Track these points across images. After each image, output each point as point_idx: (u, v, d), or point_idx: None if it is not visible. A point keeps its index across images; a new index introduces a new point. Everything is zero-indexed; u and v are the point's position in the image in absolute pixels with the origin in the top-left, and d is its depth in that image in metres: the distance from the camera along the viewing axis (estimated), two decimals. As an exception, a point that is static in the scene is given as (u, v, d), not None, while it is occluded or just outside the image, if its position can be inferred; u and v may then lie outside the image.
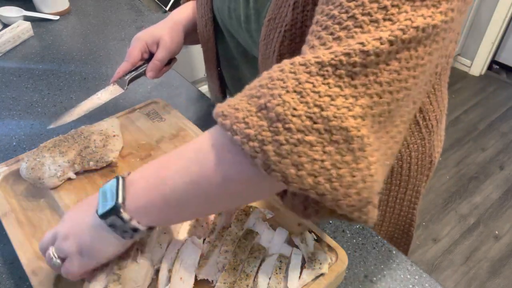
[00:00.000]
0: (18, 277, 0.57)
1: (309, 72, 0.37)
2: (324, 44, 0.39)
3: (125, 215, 0.43)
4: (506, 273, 1.73)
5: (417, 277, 0.57)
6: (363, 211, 0.39)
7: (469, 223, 1.94)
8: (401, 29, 0.37)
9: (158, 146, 0.74)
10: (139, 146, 0.73)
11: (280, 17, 0.53)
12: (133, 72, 0.72)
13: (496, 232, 1.90)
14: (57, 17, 1.25)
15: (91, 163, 0.66)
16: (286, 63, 0.39)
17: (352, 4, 0.38)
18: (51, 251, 0.47)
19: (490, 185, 2.12)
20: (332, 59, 0.37)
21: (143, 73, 0.73)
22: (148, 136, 0.75)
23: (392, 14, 0.38)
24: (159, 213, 0.43)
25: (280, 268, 0.50)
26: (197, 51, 1.78)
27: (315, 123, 0.36)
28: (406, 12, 0.38)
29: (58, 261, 0.47)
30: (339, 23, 0.39)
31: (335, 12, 0.39)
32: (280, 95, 0.37)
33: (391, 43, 0.37)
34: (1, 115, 0.87)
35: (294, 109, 0.36)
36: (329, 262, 0.52)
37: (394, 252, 0.60)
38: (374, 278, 0.57)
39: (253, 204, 0.60)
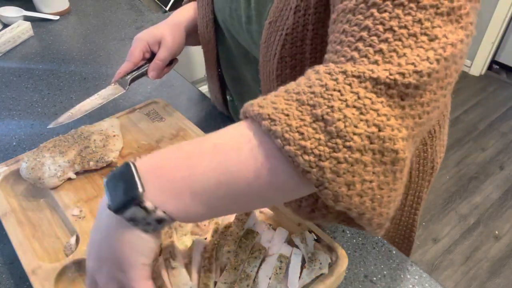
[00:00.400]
0: (18, 277, 0.57)
1: (365, 88, 0.36)
2: (366, 56, 0.37)
3: (149, 204, 0.37)
4: (506, 273, 1.73)
5: (417, 277, 0.57)
6: (383, 227, 0.39)
7: (469, 223, 1.94)
8: (442, 47, 0.37)
9: (158, 146, 0.74)
10: (139, 146, 0.73)
11: (281, 20, 0.53)
12: (134, 72, 0.72)
13: (496, 232, 1.90)
14: (57, 17, 1.25)
15: (91, 163, 0.66)
16: (335, 70, 0.37)
17: (386, 15, 0.37)
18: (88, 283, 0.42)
19: (490, 185, 2.12)
20: (387, 77, 0.35)
21: (145, 73, 0.73)
22: (148, 136, 0.75)
23: (427, 28, 0.37)
24: (186, 207, 0.38)
25: (280, 268, 0.50)
26: (197, 52, 1.78)
27: (371, 143, 0.35)
28: (439, 27, 0.37)
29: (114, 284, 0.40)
30: (376, 35, 0.37)
31: (369, 23, 0.38)
32: (340, 109, 0.35)
33: (438, 62, 0.36)
34: (1, 115, 0.87)
35: (355, 126, 0.35)
36: (329, 262, 0.52)
37: (394, 252, 0.60)
38: (374, 278, 0.57)
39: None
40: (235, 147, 0.37)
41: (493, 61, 2.92)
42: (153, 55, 0.74)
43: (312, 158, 0.34)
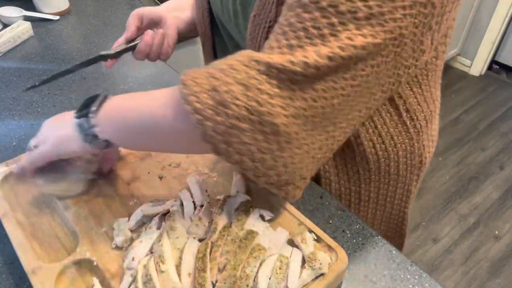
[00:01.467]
0: (18, 277, 0.57)
1: (258, 70, 0.44)
2: (279, 48, 0.45)
3: (92, 120, 0.52)
4: (506, 273, 1.73)
5: (417, 277, 0.57)
6: (282, 189, 0.49)
7: (469, 223, 1.94)
8: (340, 47, 0.43)
9: (158, 146, 0.73)
10: (139, 146, 0.73)
11: (265, 13, 0.55)
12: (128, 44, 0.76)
13: (496, 232, 1.90)
14: (57, 17, 1.25)
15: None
16: (245, 54, 0.46)
17: (307, 15, 0.44)
18: (31, 143, 0.58)
19: (490, 185, 2.12)
20: (279, 63, 0.43)
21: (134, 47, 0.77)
22: (148, 136, 0.75)
23: (338, 30, 0.43)
24: (118, 133, 0.54)
25: (280, 268, 0.50)
26: (197, 51, 1.78)
27: (251, 114, 0.44)
28: (349, 30, 0.43)
29: (32, 147, 0.57)
30: (294, 31, 0.45)
31: (293, 20, 0.45)
32: (230, 84, 0.44)
33: (330, 59, 0.43)
34: (1, 115, 0.87)
35: (237, 98, 0.44)
36: (329, 262, 0.52)
37: (394, 252, 0.60)
38: (374, 278, 0.57)
39: (253, 204, 0.60)
40: (160, 102, 0.50)
41: (493, 61, 2.93)
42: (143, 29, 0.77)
43: (200, 117, 0.45)
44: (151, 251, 0.53)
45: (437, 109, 0.73)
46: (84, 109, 0.53)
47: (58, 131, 0.56)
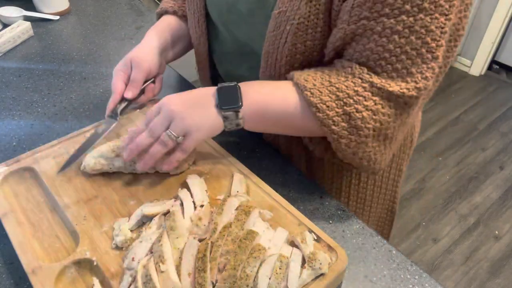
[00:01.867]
0: (18, 277, 0.57)
1: (381, 96, 0.55)
2: (386, 72, 0.55)
3: (241, 115, 0.59)
4: (506, 273, 1.73)
5: (417, 277, 0.57)
6: (376, 173, 0.65)
7: (469, 223, 1.94)
8: (438, 67, 0.55)
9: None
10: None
11: (292, 10, 0.58)
12: (122, 103, 0.74)
13: (496, 232, 1.90)
14: (57, 17, 1.25)
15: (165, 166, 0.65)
16: (365, 77, 0.55)
17: (403, 40, 0.52)
18: (167, 134, 0.59)
19: (490, 185, 2.12)
20: (398, 91, 0.54)
21: (132, 100, 0.76)
22: (148, 136, 0.75)
23: (432, 47, 0.53)
24: (256, 124, 0.62)
25: (280, 268, 0.50)
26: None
27: (374, 131, 0.57)
28: (442, 46, 0.53)
29: (181, 137, 0.59)
30: (395, 56, 0.53)
31: (391, 46, 0.53)
32: (361, 112, 0.55)
33: (432, 78, 0.55)
34: (1, 115, 0.87)
35: (368, 123, 0.56)
36: (329, 262, 0.52)
37: (394, 252, 0.60)
38: (374, 278, 0.57)
39: (253, 204, 0.60)
40: (293, 104, 0.59)
41: (493, 61, 2.92)
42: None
43: (335, 137, 0.57)
44: (151, 251, 0.53)
45: None
46: (228, 102, 0.59)
47: (207, 121, 0.60)
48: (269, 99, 0.60)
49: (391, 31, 0.52)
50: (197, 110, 0.59)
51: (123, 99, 0.74)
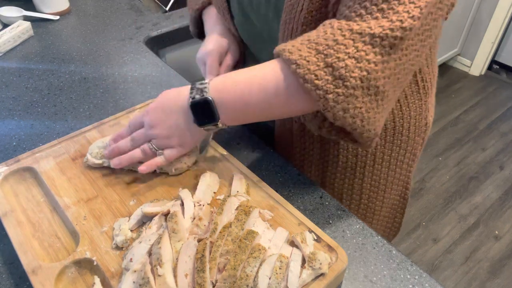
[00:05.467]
0: (18, 277, 0.57)
1: (363, 41, 0.51)
2: (370, 13, 0.51)
3: (220, 125, 0.59)
4: (506, 273, 1.73)
5: (417, 277, 0.57)
6: (373, 141, 0.58)
7: (469, 223, 1.94)
8: (425, 5, 0.50)
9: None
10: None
11: None
12: None
13: (496, 232, 1.90)
14: (57, 17, 1.25)
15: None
16: (344, 27, 0.52)
17: None
18: (148, 146, 0.62)
19: (490, 185, 2.12)
20: (381, 32, 0.50)
21: None
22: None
23: None
24: (243, 121, 0.61)
25: (280, 268, 0.50)
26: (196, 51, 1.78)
27: (362, 82, 0.51)
28: None
29: (161, 151, 0.62)
30: None
31: None
32: (343, 60, 0.51)
33: (419, 18, 0.50)
34: (1, 115, 0.87)
35: (352, 71, 0.51)
36: (329, 262, 0.52)
37: (394, 252, 0.60)
38: (374, 278, 0.57)
39: (253, 204, 0.60)
40: (273, 84, 0.56)
41: (493, 61, 2.93)
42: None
43: (321, 92, 0.52)
44: (150, 253, 0.53)
45: (435, 76, 0.80)
46: (204, 119, 0.59)
47: (189, 137, 0.62)
48: (247, 95, 0.58)
49: None
50: (178, 128, 0.62)
51: None
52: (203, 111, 0.59)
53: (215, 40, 0.76)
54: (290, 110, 0.59)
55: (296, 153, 0.79)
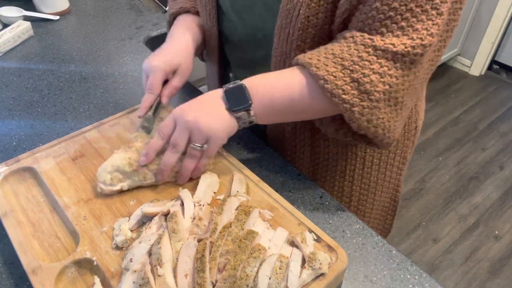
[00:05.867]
0: (18, 277, 0.57)
1: (386, 58, 0.55)
2: (391, 32, 0.55)
3: (252, 113, 0.60)
4: (506, 273, 1.73)
5: (417, 277, 0.57)
6: (390, 145, 0.62)
7: (469, 223, 1.94)
8: (441, 23, 0.54)
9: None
10: (139, 146, 0.73)
11: None
12: (154, 104, 0.71)
13: (496, 232, 1.90)
14: (57, 17, 1.25)
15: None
16: (368, 42, 0.55)
17: None
18: (191, 147, 0.61)
19: (490, 185, 2.12)
20: (403, 50, 0.54)
21: (159, 100, 0.72)
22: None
23: (437, 3, 0.53)
24: (266, 117, 0.62)
25: (280, 268, 0.50)
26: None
27: (385, 95, 0.56)
28: (446, 2, 0.54)
29: (205, 145, 0.61)
30: (400, 14, 0.54)
31: (396, 4, 0.53)
32: (368, 75, 0.55)
33: (437, 35, 0.55)
34: (1, 115, 0.87)
35: (377, 86, 0.55)
36: (329, 262, 0.52)
37: (394, 252, 0.60)
38: (374, 278, 0.57)
39: (253, 204, 0.60)
40: (298, 88, 0.59)
41: (493, 61, 2.92)
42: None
43: (348, 106, 0.56)
44: (150, 253, 0.53)
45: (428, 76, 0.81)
46: (238, 103, 0.60)
47: (223, 124, 0.61)
48: (274, 89, 0.60)
49: None
50: (210, 116, 0.60)
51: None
52: (236, 95, 0.60)
53: (165, 55, 0.72)
54: (312, 113, 0.62)
55: (286, 156, 0.80)
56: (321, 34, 0.62)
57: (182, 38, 0.76)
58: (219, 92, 0.62)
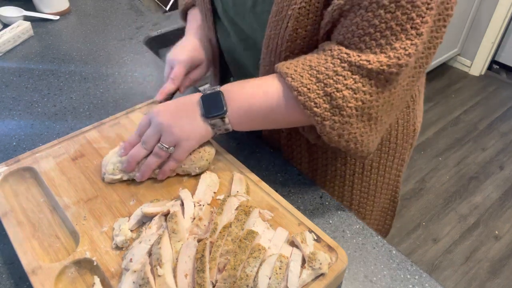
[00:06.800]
0: (18, 277, 0.57)
1: (361, 74, 0.55)
2: (370, 48, 0.54)
3: (227, 120, 0.61)
4: (506, 273, 1.73)
5: (417, 277, 0.57)
6: (365, 157, 0.63)
7: (469, 223, 1.94)
8: (420, 43, 0.53)
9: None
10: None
11: None
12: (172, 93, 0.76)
13: (496, 232, 1.90)
14: (57, 17, 1.25)
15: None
16: (344, 57, 0.55)
17: (389, 16, 0.51)
18: (158, 146, 0.61)
19: (490, 185, 2.12)
20: (378, 68, 0.53)
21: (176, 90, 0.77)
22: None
23: (417, 23, 0.52)
24: (242, 125, 0.63)
25: (280, 268, 0.50)
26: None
27: (357, 111, 0.56)
28: (427, 22, 0.52)
29: (172, 147, 0.61)
30: (380, 32, 0.53)
31: (376, 21, 0.52)
32: (341, 90, 0.55)
33: (414, 54, 0.53)
34: (1, 115, 0.87)
35: (349, 102, 0.55)
36: (329, 262, 0.52)
37: (394, 252, 0.60)
38: (374, 278, 0.57)
39: (253, 204, 0.60)
40: (275, 96, 0.60)
41: (493, 61, 2.92)
42: None
43: (319, 119, 0.56)
44: (149, 253, 0.53)
45: (423, 83, 0.83)
46: (213, 110, 0.61)
47: (196, 130, 0.62)
48: (251, 98, 0.61)
49: (377, 5, 0.52)
50: (184, 120, 0.61)
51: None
52: (212, 102, 0.61)
53: (190, 51, 0.77)
54: (289, 122, 0.63)
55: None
56: (310, 45, 0.62)
57: (200, 32, 0.80)
58: (196, 97, 0.62)
